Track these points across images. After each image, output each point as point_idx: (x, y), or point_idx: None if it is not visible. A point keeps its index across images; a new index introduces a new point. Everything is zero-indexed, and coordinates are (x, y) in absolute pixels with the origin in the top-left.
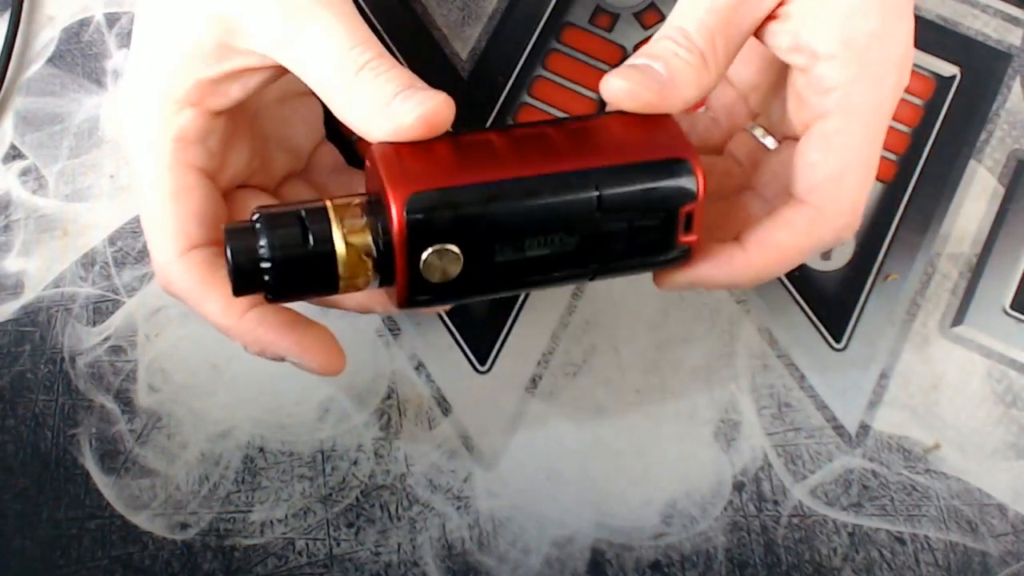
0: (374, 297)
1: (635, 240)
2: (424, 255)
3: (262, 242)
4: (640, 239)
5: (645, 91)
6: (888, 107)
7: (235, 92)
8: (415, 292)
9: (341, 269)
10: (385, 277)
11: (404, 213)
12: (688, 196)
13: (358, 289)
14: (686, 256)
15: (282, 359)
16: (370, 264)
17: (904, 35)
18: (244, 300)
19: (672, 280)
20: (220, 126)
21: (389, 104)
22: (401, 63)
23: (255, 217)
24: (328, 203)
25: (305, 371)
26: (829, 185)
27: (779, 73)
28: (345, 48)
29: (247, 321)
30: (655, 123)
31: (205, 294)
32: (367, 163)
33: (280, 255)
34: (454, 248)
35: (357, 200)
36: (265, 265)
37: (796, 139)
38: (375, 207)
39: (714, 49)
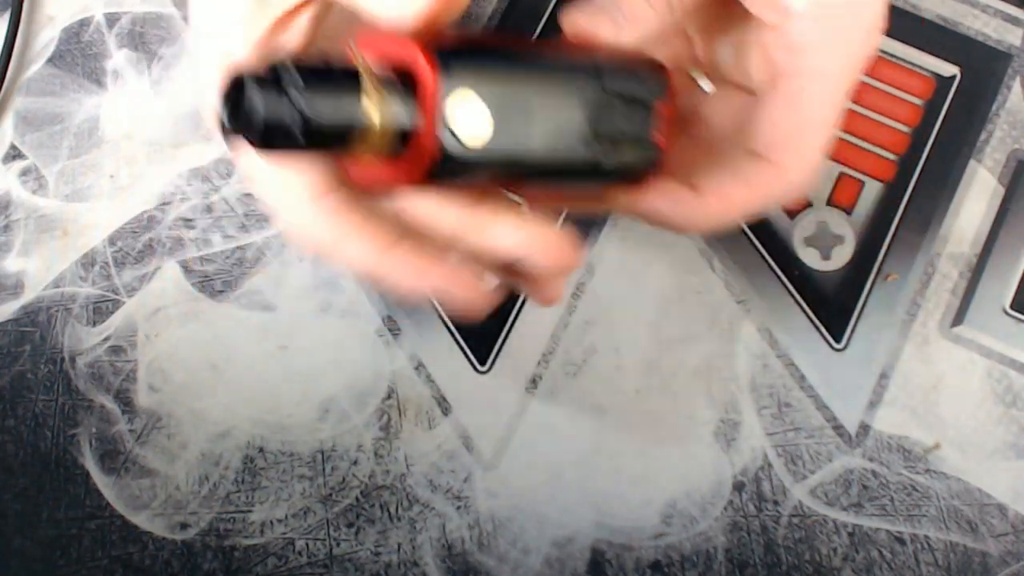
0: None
1: (625, 122)
2: (454, 103)
3: (289, 77)
4: (628, 123)
5: (602, 28)
6: (855, 71)
7: (305, 28)
8: (448, 158)
9: (368, 110)
10: (408, 138)
11: (432, 52)
12: (661, 88)
13: (380, 148)
14: (653, 164)
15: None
16: (388, 112)
17: (877, 1)
18: (385, 230)
19: (629, 203)
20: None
21: None
22: None
23: (281, 64)
24: (358, 58)
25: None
26: (791, 144)
27: (729, 20)
28: None
29: (396, 258)
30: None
31: (351, 233)
32: (359, 53)
33: (312, 96)
34: (486, 110)
35: (388, 72)
36: (300, 105)
37: (743, 89)
38: (390, 65)
39: None
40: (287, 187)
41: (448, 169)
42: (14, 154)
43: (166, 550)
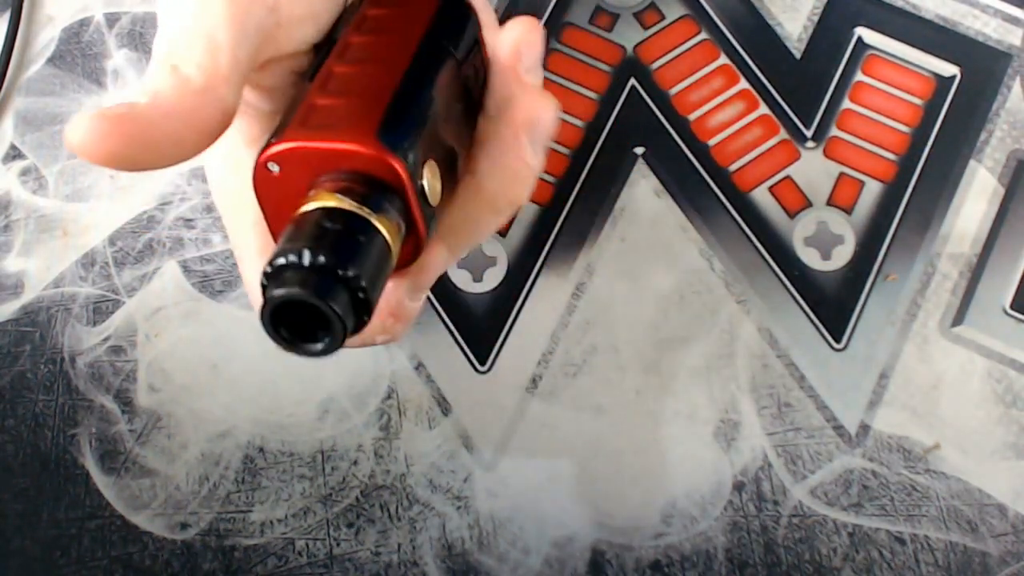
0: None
1: (475, 70)
2: (424, 180)
3: (340, 272)
4: (476, 68)
5: None
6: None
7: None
8: (428, 225)
9: (391, 242)
10: (407, 230)
11: (388, 151)
12: (476, 21)
13: (400, 260)
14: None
15: (416, 307)
16: (398, 232)
17: None
18: None
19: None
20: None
21: None
22: None
23: (309, 251)
24: (335, 200)
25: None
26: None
27: None
28: None
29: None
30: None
31: None
32: (267, 171)
33: (362, 266)
34: (431, 161)
35: (339, 184)
36: (357, 288)
37: None
38: (350, 177)
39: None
40: (248, 260)
41: (429, 232)
42: (14, 154)
43: (166, 550)
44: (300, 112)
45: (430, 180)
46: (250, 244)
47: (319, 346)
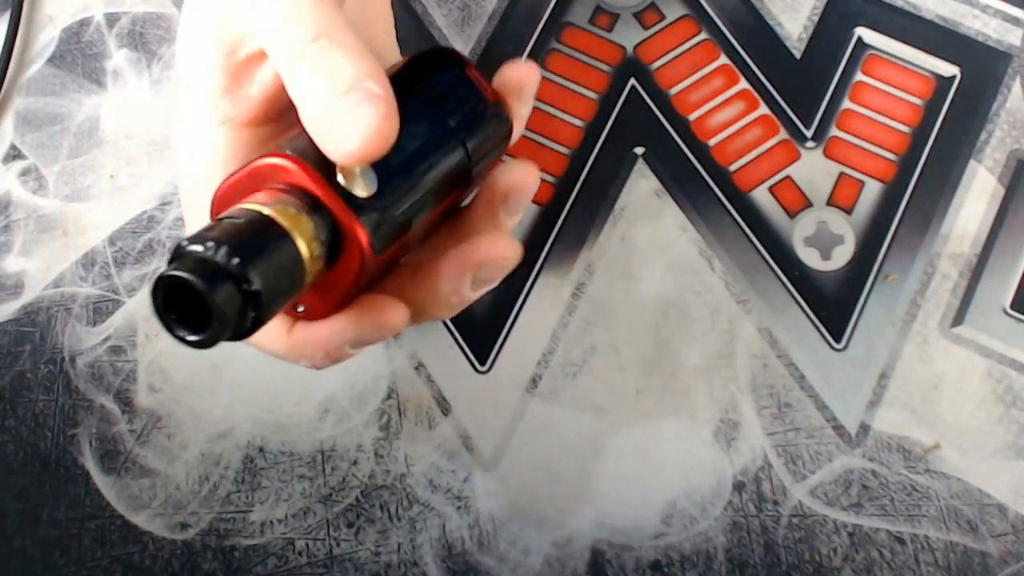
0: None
1: (468, 109)
2: (343, 179)
3: (235, 271)
4: (469, 107)
5: None
6: None
7: (256, 90)
8: (368, 224)
9: (306, 258)
10: (332, 243)
11: (302, 165)
12: (460, 60)
13: (317, 268)
14: (504, 112)
15: (351, 355)
16: (319, 251)
17: None
18: (282, 320)
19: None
20: (259, 142)
21: (320, 111)
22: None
23: (214, 243)
24: (263, 208)
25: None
26: None
27: None
28: (294, 24)
29: (297, 336)
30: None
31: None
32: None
33: (260, 273)
34: (368, 169)
35: (276, 200)
36: (251, 293)
37: None
38: (291, 199)
39: None
40: None
41: (374, 230)
42: (14, 154)
43: (166, 550)
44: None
45: (362, 180)
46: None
47: (196, 336)
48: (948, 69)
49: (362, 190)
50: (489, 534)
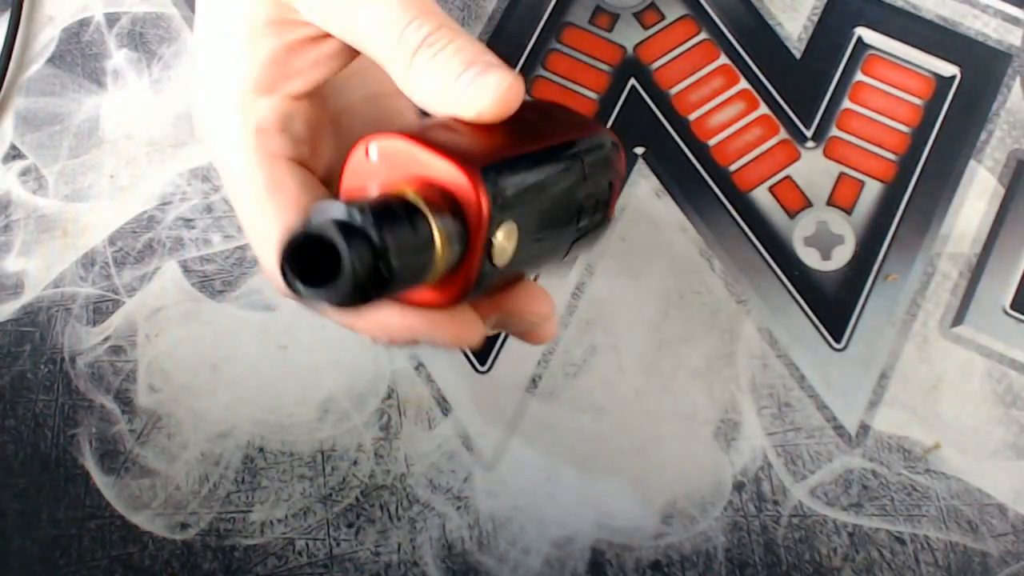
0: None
1: (597, 199)
2: (498, 235)
3: (373, 235)
4: (598, 199)
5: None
6: None
7: (308, 72)
8: (481, 278)
9: (438, 251)
10: (455, 264)
11: (483, 185)
12: (620, 172)
13: (436, 280)
14: (605, 226)
15: (415, 341)
16: (450, 249)
17: None
18: None
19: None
20: (302, 112)
21: (453, 84)
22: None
23: (358, 209)
24: (409, 192)
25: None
26: None
27: None
28: (400, 25)
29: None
30: (560, 110)
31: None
32: (365, 154)
33: (396, 246)
34: (513, 224)
35: (422, 191)
36: (383, 262)
37: None
38: (436, 194)
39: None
40: (266, 235)
41: (479, 287)
42: (14, 154)
43: (166, 550)
44: (417, 127)
45: (503, 239)
46: (268, 220)
47: (321, 290)
48: (948, 69)
49: (509, 249)
50: (489, 534)
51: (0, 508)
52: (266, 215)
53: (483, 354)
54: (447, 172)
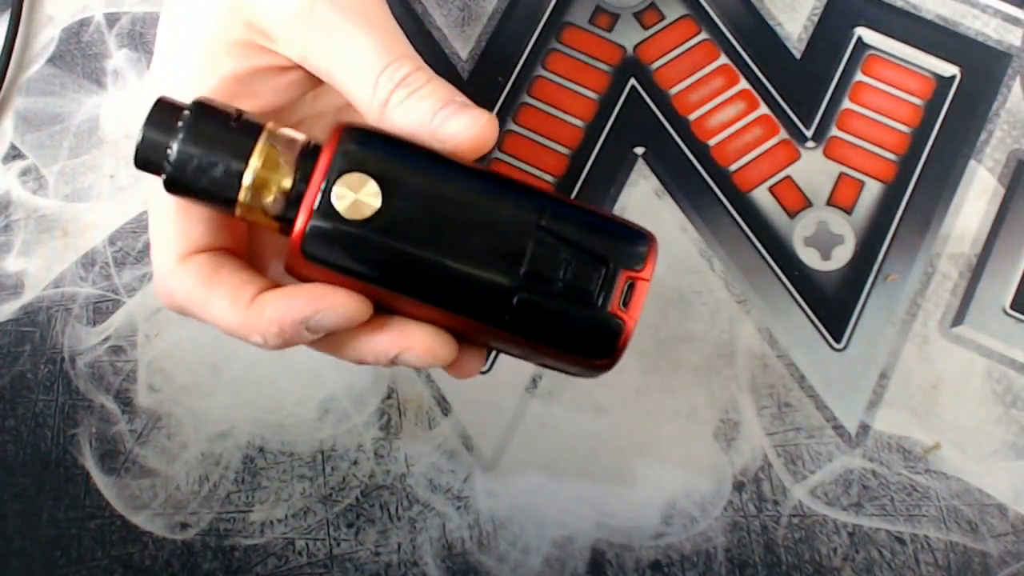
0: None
1: (564, 284)
2: (340, 178)
3: (181, 124)
4: (570, 285)
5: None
6: None
7: (267, 96)
8: (317, 224)
9: (254, 164)
10: (290, 206)
11: (339, 135)
12: (635, 259)
13: (256, 217)
14: (616, 335)
15: (307, 339)
16: (279, 184)
17: None
18: (248, 288)
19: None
20: None
21: (430, 121)
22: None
23: (190, 104)
24: (269, 124)
25: (331, 337)
26: None
27: None
28: (378, 67)
29: (256, 308)
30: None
31: (208, 294)
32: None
33: (190, 143)
34: (373, 184)
35: (301, 138)
36: (173, 146)
37: None
38: (313, 150)
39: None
40: (163, 240)
41: (323, 238)
42: (14, 154)
43: (166, 550)
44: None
45: (345, 187)
46: (169, 237)
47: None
48: (948, 69)
49: (366, 204)
50: (489, 534)
51: (0, 508)
52: (168, 222)
53: None
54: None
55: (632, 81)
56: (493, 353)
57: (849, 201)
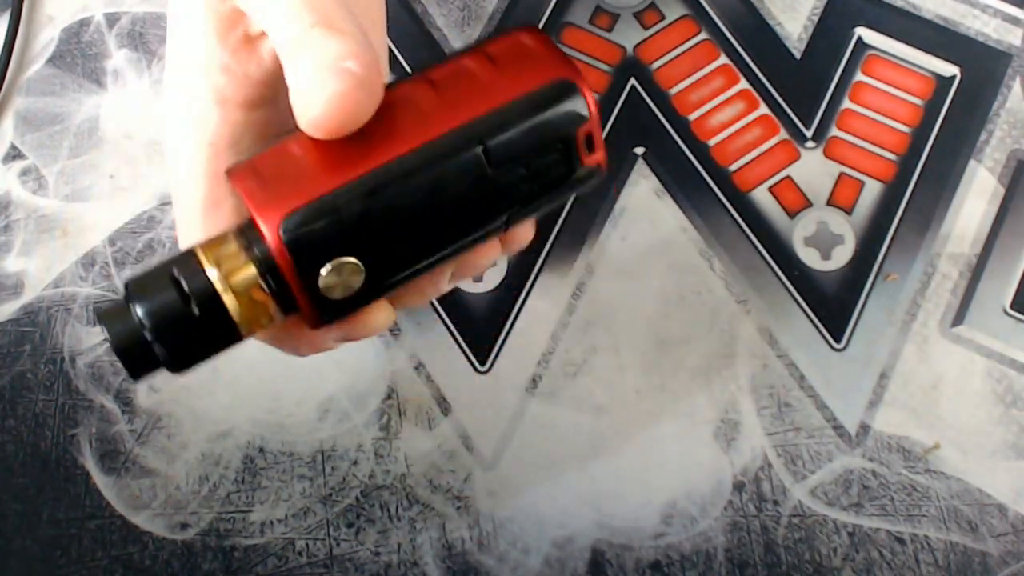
0: (287, 328)
1: (539, 179)
2: (322, 275)
3: (139, 314)
4: (543, 176)
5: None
6: None
7: (254, 69)
8: (325, 312)
9: (236, 316)
10: (287, 306)
11: (281, 237)
12: (579, 119)
13: (265, 327)
14: (598, 176)
15: (344, 339)
16: (267, 301)
17: None
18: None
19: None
20: (254, 126)
21: (307, 84)
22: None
23: (125, 288)
24: (196, 248)
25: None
26: None
27: None
28: (299, 5)
29: (287, 323)
30: (523, 47)
31: None
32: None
33: (163, 325)
34: (350, 259)
35: (228, 234)
36: (151, 339)
37: None
38: (249, 235)
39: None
40: (188, 241)
41: (334, 317)
42: (14, 154)
43: (166, 550)
44: (269, 148)
45: (331, 278)
46: (197, 195)
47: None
48: (948, 69)
49: (350, 272)
50: (489, 534)
51: (0, 508)
52: (198, 233)
53: (483, 354)
54: (256, 219)
55: (632, 81)
56: (493, 353)
57: (849, 201)
